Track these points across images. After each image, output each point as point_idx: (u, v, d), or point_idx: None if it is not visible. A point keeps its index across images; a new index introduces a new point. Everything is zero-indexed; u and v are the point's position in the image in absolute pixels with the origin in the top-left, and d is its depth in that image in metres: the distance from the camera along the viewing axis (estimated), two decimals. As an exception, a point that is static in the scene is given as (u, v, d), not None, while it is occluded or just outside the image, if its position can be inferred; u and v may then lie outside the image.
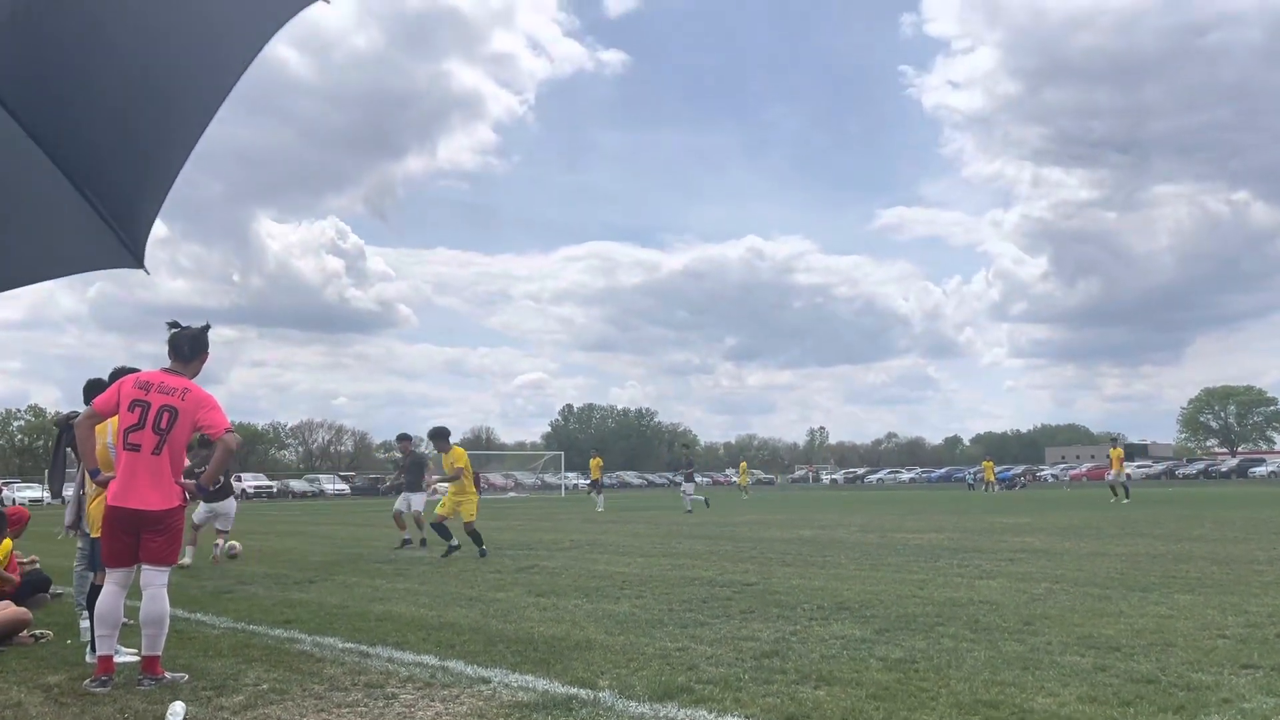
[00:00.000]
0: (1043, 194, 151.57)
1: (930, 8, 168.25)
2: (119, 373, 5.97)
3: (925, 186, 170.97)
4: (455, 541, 13.01)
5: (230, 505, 13.33)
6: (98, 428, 5.75)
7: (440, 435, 13.51)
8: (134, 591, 5.44)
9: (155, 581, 5.30)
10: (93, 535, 6.13)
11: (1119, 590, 8.28)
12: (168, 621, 5.36)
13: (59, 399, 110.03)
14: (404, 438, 16.49)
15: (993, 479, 49.40)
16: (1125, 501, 28.61)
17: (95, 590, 5.96)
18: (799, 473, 46.86)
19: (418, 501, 15.17)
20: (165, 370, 5.49)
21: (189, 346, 5.53)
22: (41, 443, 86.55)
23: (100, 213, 2.71)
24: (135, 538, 5.27)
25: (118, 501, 5.24)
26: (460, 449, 13.40)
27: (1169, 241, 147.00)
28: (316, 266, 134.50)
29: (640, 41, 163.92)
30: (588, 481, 33.08)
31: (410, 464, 15.64)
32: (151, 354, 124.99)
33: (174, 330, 5.58)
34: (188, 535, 12.10)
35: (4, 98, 2.47)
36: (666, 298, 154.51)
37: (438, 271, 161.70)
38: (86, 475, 6.07)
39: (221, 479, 14.06)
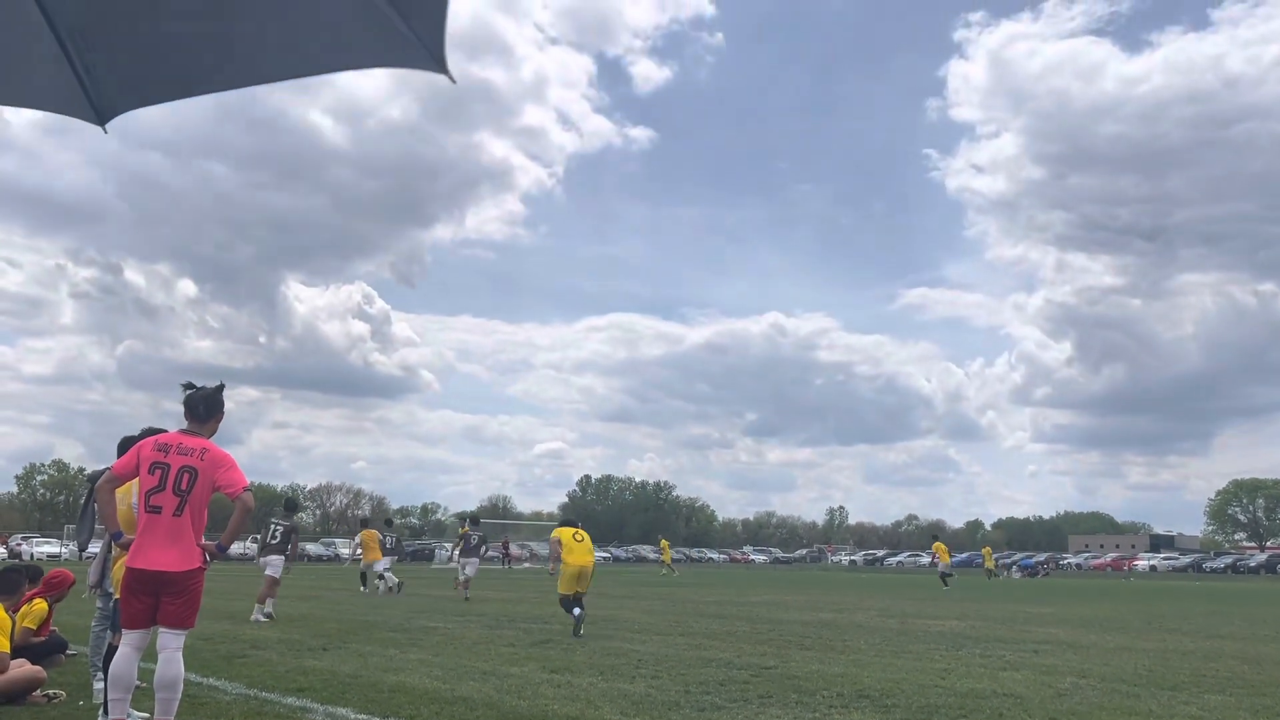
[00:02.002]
0: (1066, 279, 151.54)
1: (955, 93, 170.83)
2: (148, 433, 6.05)
3: (948, 268, 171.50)
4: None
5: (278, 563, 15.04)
6: (119, 490, 5.77)
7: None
8: (149, 654, 5.42)
9: (171, 645, 5.26)
10: (116, 595, 6.14)
11: (1148, 688, 8.08)
12: (181, 686, 5.32)
13: (84, 455, 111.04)
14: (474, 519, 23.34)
15: (991, 565, 48.80)
16: (945, 589, 30.95)
17: (113, 651, 5.94)
18: (800, 552, 45.30)
19: (472, 568, 20.80)
20: (183, 431, 5.52)
21: (204, 407, 5.57)
22: (63, 497, 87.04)
23: (71, 60, 2.68)
24: (154, 600, 5.25)
25: (137, 563, 5.24)
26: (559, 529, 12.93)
27: (1194, 330, 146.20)
28: (342, 330, 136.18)
29: (668, 119, 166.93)
30: (942, 569, 35.55)
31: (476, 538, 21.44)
32: (177, 413, 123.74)
33: (189, 391, 5.62)
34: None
35: None
36: (688, 371, 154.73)
37: (461, 338, 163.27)
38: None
39: (278, 536, 15.58)
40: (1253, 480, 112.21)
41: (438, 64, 2.29)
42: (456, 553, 21.78)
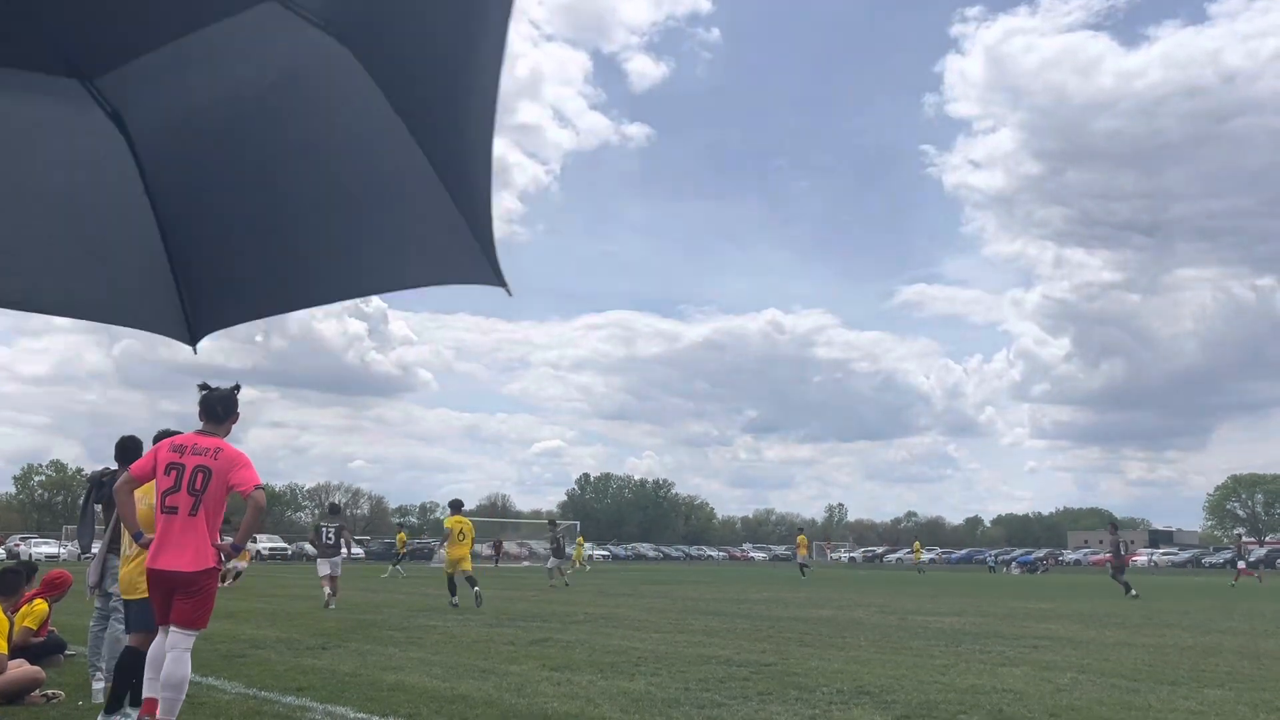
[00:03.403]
0: (1065, 275, 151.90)
1: (952, 88, 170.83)
2: (162, 435, 6.11)
3: (946, 264, 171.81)
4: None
5: (337, 564, 16.83)
6: (139, 490, 5.82)
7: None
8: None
9: (180, 644, 5.29)
10: (124, 597, 6.13)
11: (1147, 683, 8.08)
12: (186, 687, 5.34)
13: (81, 455, 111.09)
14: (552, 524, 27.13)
15: (919, 558, 52.84)
16: (802, 577, 34.23)
17: (128, 651, 5.97)
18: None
19: (554, 563, 24.52)
20: (198, 432, 5.56)
21: (221, 408, 5.61)
22: (61, 498, 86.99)
23: (179, 288, 2.79)
24: (170, 598, 5.31)
25: (154, 564, 5.31)
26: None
27: (1193, 326, 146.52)
28: (339, 329, 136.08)
29: (664, 116, 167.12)
30: (800, 561, 38.44)
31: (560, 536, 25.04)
32: (175, 412, 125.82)
33: (205, 392, 5.66)
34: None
35: (141, 155, 2.52)
36: (686, 368, 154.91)
37: (459, 337, 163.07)
38: (127, 537, 6.13)
39: (333, 537, 16.94)
40: (1251, 475, 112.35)
41: (498, 277, 2.37)
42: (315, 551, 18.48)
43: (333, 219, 2.55)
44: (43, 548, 51.16)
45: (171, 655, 5.27)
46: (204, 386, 5.71)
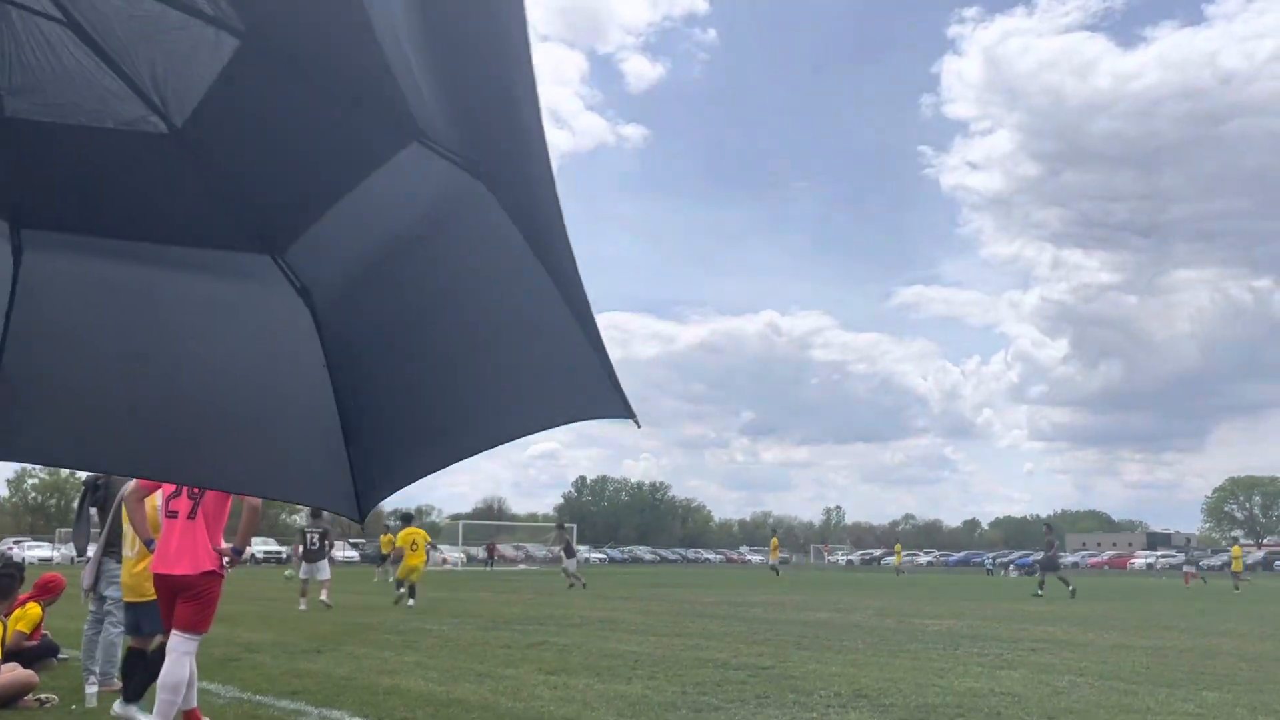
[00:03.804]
0: (1062, 276, 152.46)
1: (950, 89, 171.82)
2: None
3: (943, 266, 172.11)
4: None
5: (324, 568, 17.25)
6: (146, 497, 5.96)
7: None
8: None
9: (180, 648, 5.35)
10: (129, 600, 6.11)
11: (1145, 686, 8.06)
12: (184, 690, 5.36)
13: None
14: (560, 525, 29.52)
15: (899, 561, 53.66)
16: (778, 575, 35.96)
17: (130, 652, 5.99)
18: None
19: (572, 565, 25.85)
20: None
21: None
22: (55, 501, 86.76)
23: (351, 464, 2.77)
24: (173, 601, 5.39)
25: (156, 568, 5.41)
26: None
27: (1190, 327, 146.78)
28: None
29: (661, 117, 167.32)
30: (772, 563, 40.33)
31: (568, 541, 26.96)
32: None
33: None
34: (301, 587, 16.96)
35: (323, 329, 2.55)
36: (683, 370, 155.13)
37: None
38: (130, 540, 6.12)
39: (316, 542, 17.43)
40: (1249, 478, 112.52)
41: (628, 408, 2.35)
42: (297, 557, 19.11)
43: (483, 365, 2.52)
44: (36, 551, 51.02)
45: (171, 658, 5.30)
46: None
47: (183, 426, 2.79)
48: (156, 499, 6.04)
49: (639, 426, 2.40)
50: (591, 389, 2.35)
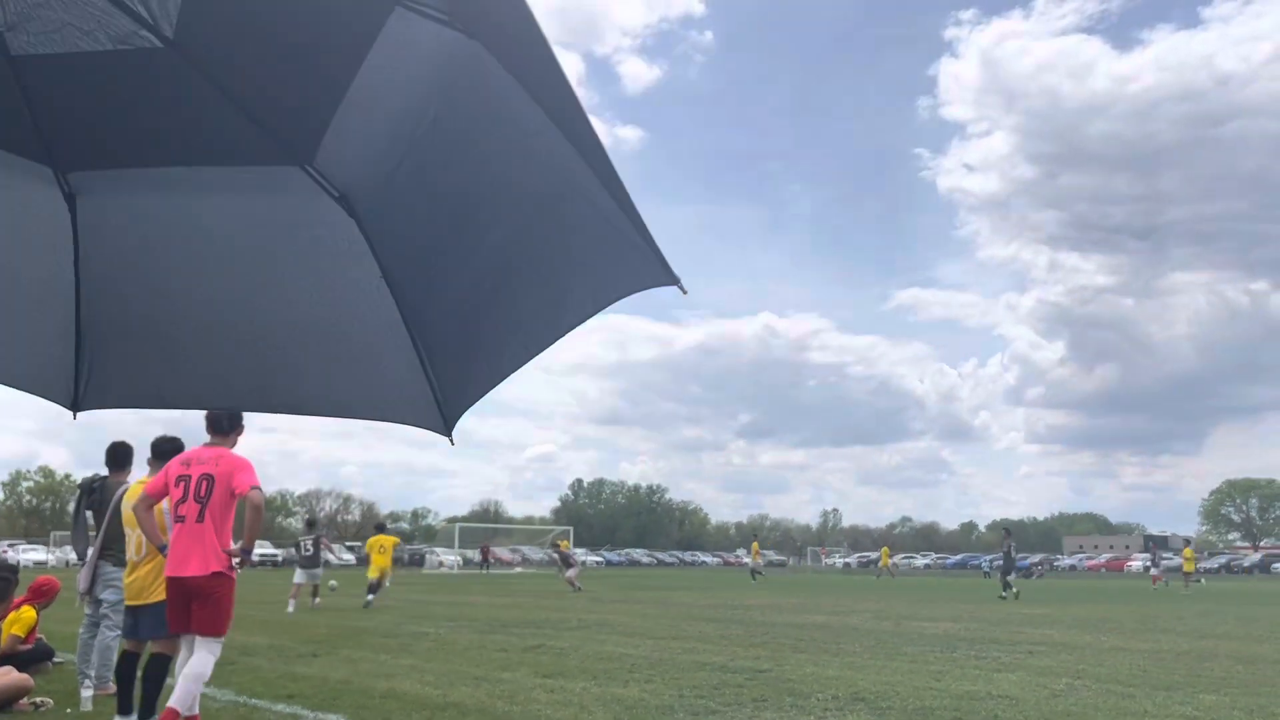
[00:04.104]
0: (1059, 279, 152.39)
1: (946, 91, 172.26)
2: (163, 440, 6.39)
3: (941, 268, 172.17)
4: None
5: (317, 575, 18.59)
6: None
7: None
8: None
9: (204, 648, 5.46)
10: (131, 604, 6.09)
11: (1143, 689, 8.06)
12: (203, 683, 5.47)
13: (69, 460, 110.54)
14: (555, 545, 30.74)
15: (887, 564, 52.39)
16: (753, 582, 35.57)
17: (124, 655, 5.98)
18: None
19: (572, 572, 26.47)
20: (205, 445, 5.71)
21: (227, 420, 5.74)
22: (50, 504, 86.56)
23: (427, 373, 2.69)
24: (188, 606, 5.44)
25: (169, 571, 5.47)
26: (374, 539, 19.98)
27: (1187, 330, 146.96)
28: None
29: (657, 119, 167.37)
30: (752, 566, 40.29)
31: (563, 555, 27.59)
32: (164, 418, 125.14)
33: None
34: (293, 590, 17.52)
35: (370, 235, 2.47)
36: (680, 373, 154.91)
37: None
38: (133, 544, 6.12)
39: (310, 549, 18.51)
40: (1246, 480, 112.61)
41: (669, 274, 2.24)
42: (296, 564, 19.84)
43: (530, 251, 2.41)
44: (31, 554, 50.88)
45: (198, 655, 5.44)
46: None
47: (261, 354, 2.74)
48: (163, 504, 6.08)
49: (684, 292, 2.29)
50: (635, 259, 2.24)
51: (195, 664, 5.41)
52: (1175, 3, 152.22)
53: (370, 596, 18.45)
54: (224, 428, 5.70)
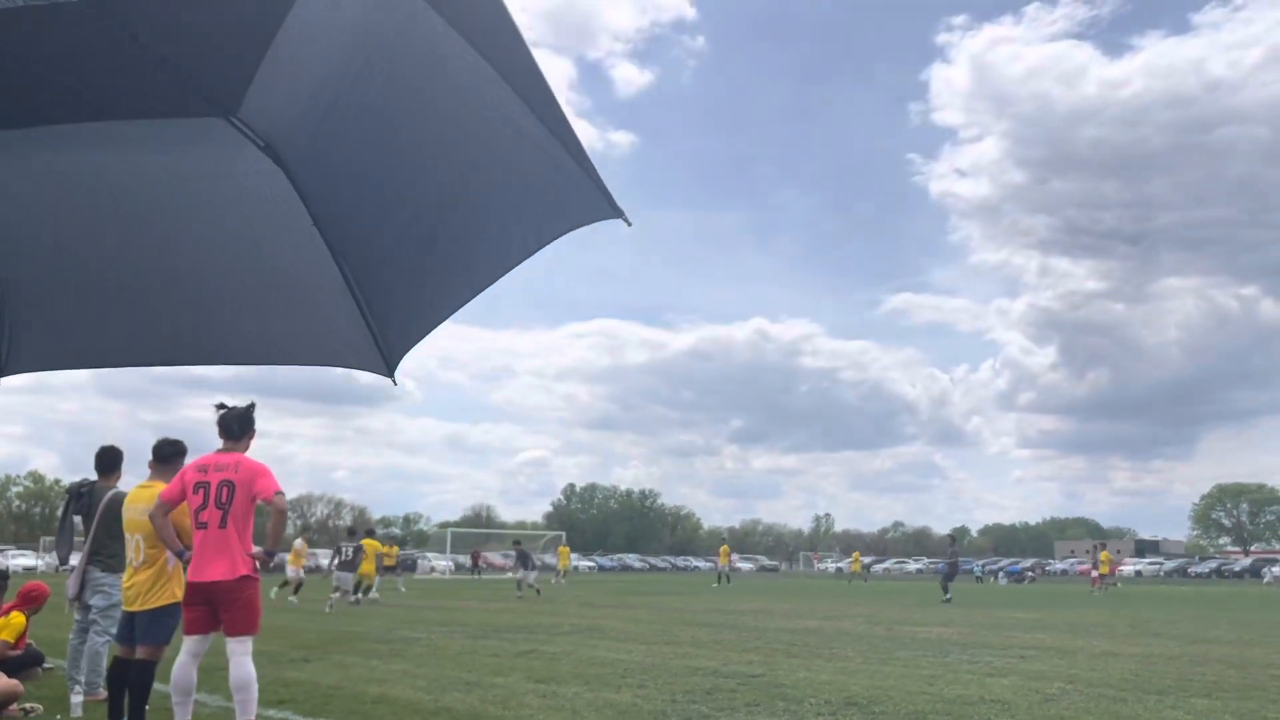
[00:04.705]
0: (1050, 284, 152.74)
1: (938, 96, 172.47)
2: (165, 443, 6.43)
3: (932, 273, 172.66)
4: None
5: (348, 579, 19.95)
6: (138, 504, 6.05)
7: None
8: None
9: (237, 651, 5.55)
10: (129, 609, 6.06)
11: (1134, 693, 8.07)
12: (255, 687, 5.57)
13: (59, 465, 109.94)
14: (517, 542, 29.26)
15: (858, 569, 53.05)
16: (714, 586, 36.53)
17: (116, 661, 5.97)
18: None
19: (533, 576, 25.77)
20: (219, 451, 5.73)
21: (238, 425, 5.77)
22: (40, 508, 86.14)
23: (365, 315, 2.70)
24: (209, 609, 5.52)
25: (193, 577, 5.52)
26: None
27: (1177, 335, 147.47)
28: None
29: (649, 123, 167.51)
30: (720, 570, 40.50)
31: (521, 553, 26.46)
32: (154, 422, 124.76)
33: (222, 411, 5.79)
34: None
35: (299, 183, 2.47)
36: (672, 377, 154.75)
37: (442, 345, 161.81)
38: (131, 548, 6.10)
39: (350, 555, 20.14)
40: (1236, 485, 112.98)
41: (613, 208, 2.28)
42: (333, 565, 21.75)
43: (467, 194, 2.44)
44: (20, 559, 50.55)
45: (233, 661, 5.53)
46: (221, 406, 5.85)
47: (193, 306, 2.72)
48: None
49: (629, 224, 2.34)
50: (578, 196, 2.29)
51: (239, 672, 5.50)
52: (1165, 9, 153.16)
53: (357, 596, 20.19)
54: (235, 432, 5.74)
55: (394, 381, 2.85)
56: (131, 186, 2.53)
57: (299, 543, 26.14)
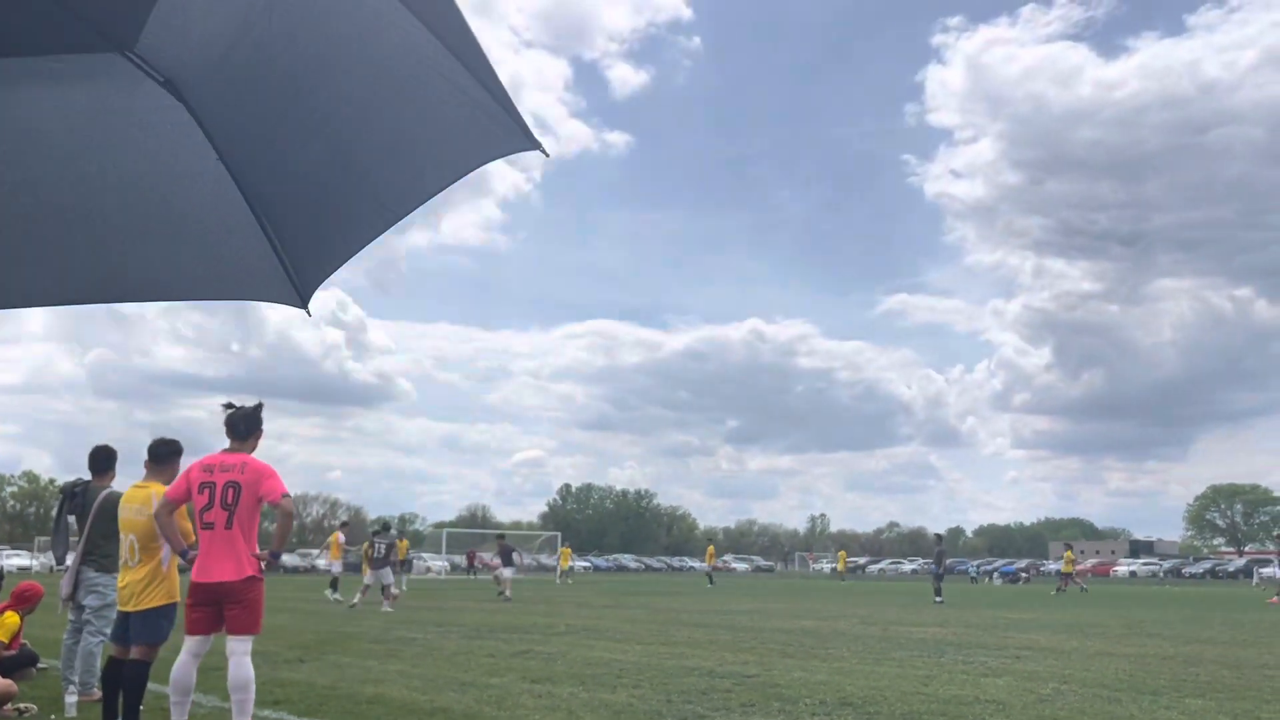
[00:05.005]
0: (1045, 285, 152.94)
1: (933, 98, 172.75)
2: (161, 443, 6.40)
3: (928, 274, 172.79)
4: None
5: (387, 574, 19.87)
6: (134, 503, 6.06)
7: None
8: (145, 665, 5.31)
9: (238, 650, 5.55)
10: (124, 609, 6.05)
11: (1129, 693, 8.09)
12: (253, 687, 5.57)
13: (53, 465, 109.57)
14: (501, 537, 28.07)
15: (843, 568, 53.18)
16: (709, 585, 36.49)
17: (111, 661, 5.95)
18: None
19: (509, 572, 25.08)
20: (225, 451, 5.73)
21: (244, 425, 5.78)
22: (34, 508, 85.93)
23: (275, 247, 2.71)
24: (214, 610, 5.53)
25: (199, 577, 5.53)
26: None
27: (1172, 336, 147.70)
28: (316, 338, 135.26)
29: (645, 123, 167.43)
30: (707, 569, 41.32)
31: (504, 549, 25.88)
32: (149, 422, 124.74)
33: (229, 411, 5.80)
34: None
35: (203, 118, 2.45)
36: (667, 378, 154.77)
37: (438, 346, 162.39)
38: (125, 548, 6.08)
39: (383, 551, 19.96)
40: (1230, 486, 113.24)
41: (530, 139, 2.29)
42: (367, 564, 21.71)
43: (378, 128, 2.46)
44: (14, 559, 50.46)
45: (234, 661, 5.53)
46: (228, 405, 5.86)
47: (96, 244, 2.70)
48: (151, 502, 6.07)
49: (547, 155, 2.38)
50: (493, 127, 2.30)
51: (239, 672, 5.50)
52: (1160, 11, 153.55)
53: (356, 597, 20.26)
54: (242, 432, 5.75)
55: (308, 312, 2.88)
56: (28, 124, 2.51)
57: (339, 536, 25.34)
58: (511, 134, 2.30)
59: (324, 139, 2.50)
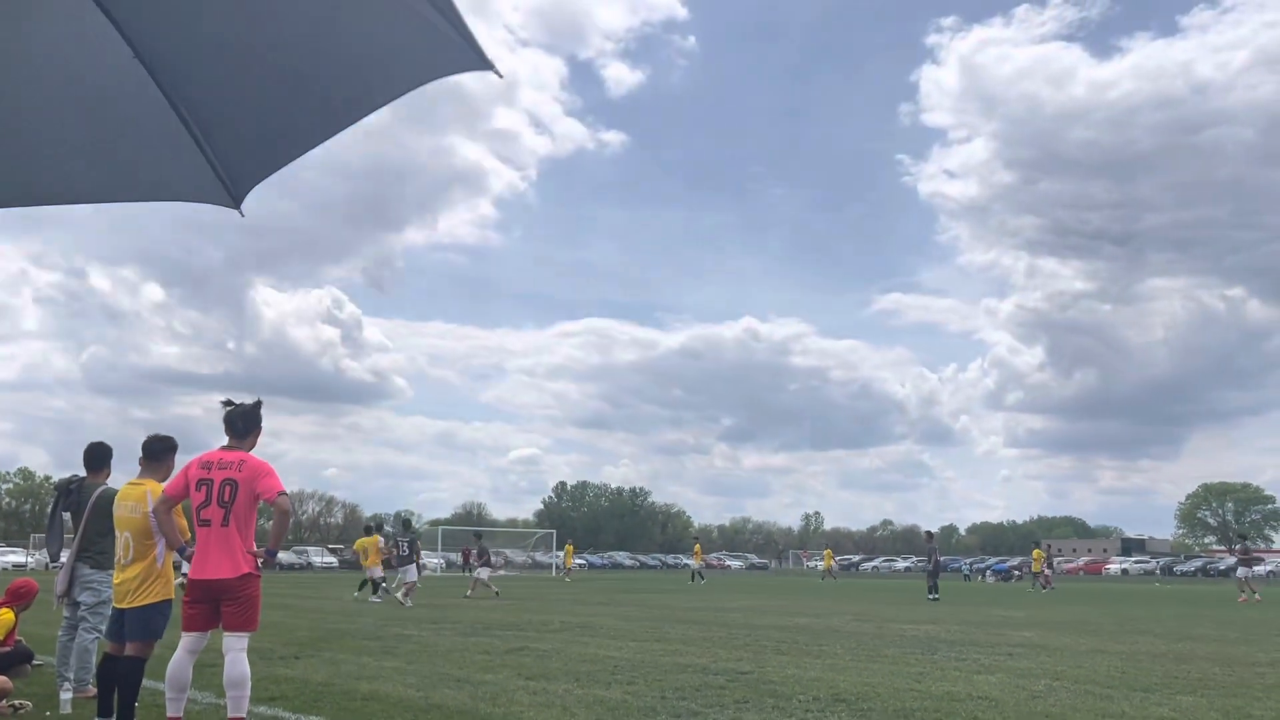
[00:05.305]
0: (1038, 284, 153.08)
1: (927, 98, 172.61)
2: (155, 439, 6.38)
3: (922, 273, 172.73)
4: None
5: (412, 572, 20.23)
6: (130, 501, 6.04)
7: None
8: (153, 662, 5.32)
9: (235, 647, 5.56)
10: (119, 606, 6.06)
11: (1120, 690, 8.14)
12: (249, 684, 5.59)
13: (48, 462, 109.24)
14: (478, 535, 29.24)
15: (831, 565, 52.19)
16: (701, 583, 36.90)
17: (106, 658, 5.97)
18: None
19: (484, 572, 25.00)
20: (223, 448, 5.74)
21: (243, 422, 5.80)
22: (29, 505, 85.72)
23: (202, 148, 2.67)
24: (210, 606, 5.55)
25: (196, 574, 5.54)
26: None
27: (1164, 335, 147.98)
28: (312, 335, 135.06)
29: (640, 122, 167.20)
30: (695, 567, 41.30)
31: (482, 548, 25.87)
32: (144, 419, 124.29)
33: (228, 408, 5.81)
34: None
35: (121, 22, 2.43)
36: (662, 376, 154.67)
37: (433, 343, 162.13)
38: (120, 546, 6.09)
39: (406, 549, 20.40)
40: (1221, 484, 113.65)
41: (483, 60, 2.28)
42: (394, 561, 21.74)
43: (320, 37, 2.45)
44: (10, 556, 50.39)
45: (230, 657, 5.54)
46: (227, 402, 5.86)
47: (10, 147, 2.69)
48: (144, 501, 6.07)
49: (500, 76, 2.37)
50: (446, 47, 2.28)
51: (235, 669, 5.51)
52: (1154, 11, 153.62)
53: (361, 594, 21.17)
54: (240, 430, 5.76)
55: (240, 212, 2.88)
56: None
57: (381, 541, 24.42)
58: (464, 53, 2.28)
59: (263, 44, 2.48)
